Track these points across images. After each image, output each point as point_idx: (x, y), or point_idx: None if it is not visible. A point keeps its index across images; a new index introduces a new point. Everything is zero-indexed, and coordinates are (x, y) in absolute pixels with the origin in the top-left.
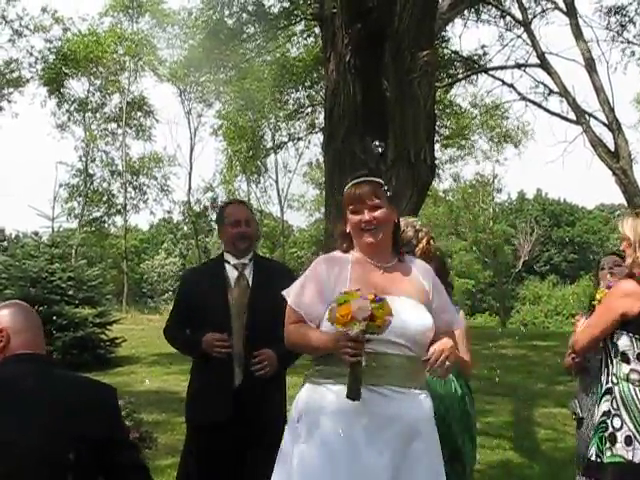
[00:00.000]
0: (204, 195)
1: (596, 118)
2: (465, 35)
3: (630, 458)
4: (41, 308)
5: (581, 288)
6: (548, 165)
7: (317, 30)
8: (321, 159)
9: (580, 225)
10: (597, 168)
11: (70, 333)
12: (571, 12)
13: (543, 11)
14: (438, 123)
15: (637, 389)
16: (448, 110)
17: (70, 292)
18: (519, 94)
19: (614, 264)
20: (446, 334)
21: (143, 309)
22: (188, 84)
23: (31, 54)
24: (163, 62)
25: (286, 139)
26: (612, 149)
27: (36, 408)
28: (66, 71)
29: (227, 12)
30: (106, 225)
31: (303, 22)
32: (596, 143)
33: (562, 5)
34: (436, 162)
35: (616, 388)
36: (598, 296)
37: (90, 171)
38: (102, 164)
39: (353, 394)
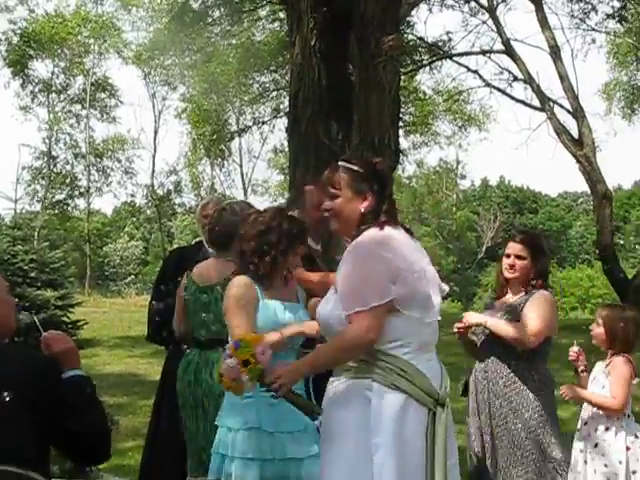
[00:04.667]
0: (168, 178)
1: (560, 105)
2: (430, 21)
3: None
4: None
5: None
6: (512, 152)
7: (282, 14)
8: (285, 144)
9: (543, 212)
10: (561, 156)
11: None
12: None
13: None
14: (402, 110)
15: None
16: (412, 97)
17: (32, 274)
18: (484, 80)
19: None
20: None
21: (105, 292)
22: (153, 67)
23: None
24: (128, 44)
25: (251, 123)
26: (576, 137)
27: None
28: (30, 53)
29: None
30: (69, 208)
31: (268, 6)
32: (560, 130)
33: None
34: (400, 148)
35: None
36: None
37: (53, 153)
38: (66, 146)
39: (309, 416)
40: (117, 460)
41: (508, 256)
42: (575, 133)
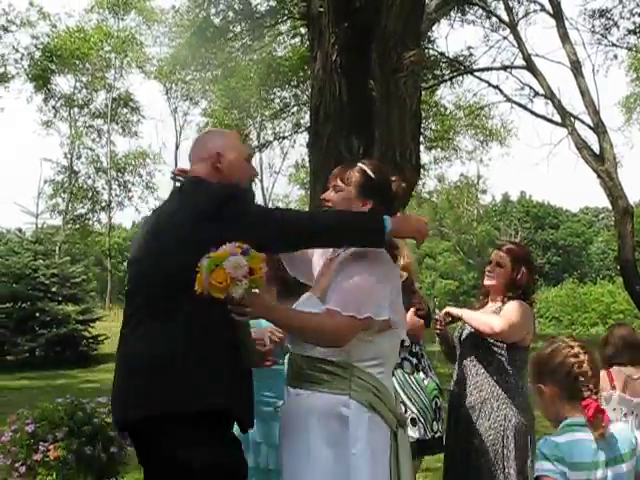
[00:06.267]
0: None
1: (581, 121)
2: (451, 36)
3: (417, 436)
4: (24, 304)
5: (564, 291)
6: (533, 168)
7: (303, 30)
8: (306, 159)
9: (564, 228)
10: (582, 171)
11: (53, 330)
12: (558, 15)
13: (527, 14)
14: (423, 125)
15: (408, 376)
16: (433, 111)
17: (53, 289)
18: (505, 96)
19: None
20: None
21: None
22: (174, 82)
23: (17, 50)
24: (150, 59)
25: (271, 138)
26: (597, 152)
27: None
28: (52, 68)
29: (213, 10)
30: (90, 222)
31: (289, 21)
32: (581, 146)
33: (549, 7)
34: (421, 163)
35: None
36: None
37: (75, 168)
38: (87, 161)
39: (245, 361)
40: (138, 475)
41: (490, 263)
42: (596, 148)
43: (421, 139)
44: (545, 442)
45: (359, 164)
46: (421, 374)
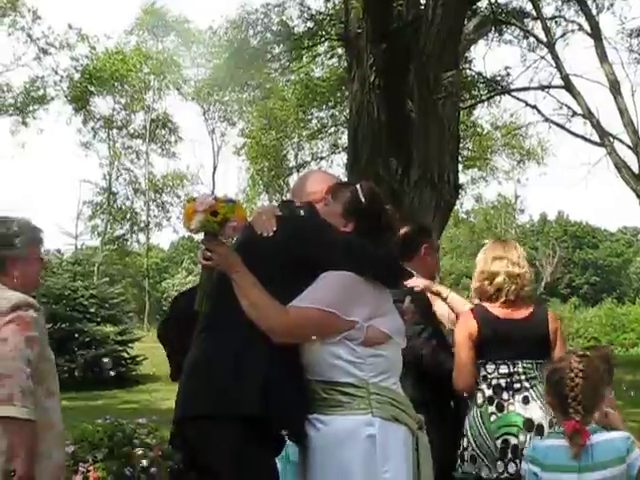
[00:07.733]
0: None
1: (620, 140)
2: (488, 56)
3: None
4: (63, 325)
5: (603, 311)
6: (570, 187)
7: (340, 50)
8: (344, 180)
9: (603, 248)
10: (621, 190)
11: (92, 350)
12: (596, 34)
13: (564, 34)
14: (461, 145)
15: (476, 409)
16: (470, 131)
17: (92, 310)
18: (543, 115)
19: None
20: None
21: None
22: (212, 103)
23: (56, 72)
24: (188, 81)
25: (309, 159)
26: (636, 171)
27: None
28: (92, 89)
29: (251, 32)
30: (129, 243)
31: (327, 42)
32: (620, 165)
33: (587, 27)
34: (459, 183)
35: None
36: None
37: (114, 189)
38: (125, 182)
39: (197, 304)
40: None
41: None
42: (635, 168)
43: (459, 159)
44: (529, 446)
45: (356, 185)
46: (491, 407)
